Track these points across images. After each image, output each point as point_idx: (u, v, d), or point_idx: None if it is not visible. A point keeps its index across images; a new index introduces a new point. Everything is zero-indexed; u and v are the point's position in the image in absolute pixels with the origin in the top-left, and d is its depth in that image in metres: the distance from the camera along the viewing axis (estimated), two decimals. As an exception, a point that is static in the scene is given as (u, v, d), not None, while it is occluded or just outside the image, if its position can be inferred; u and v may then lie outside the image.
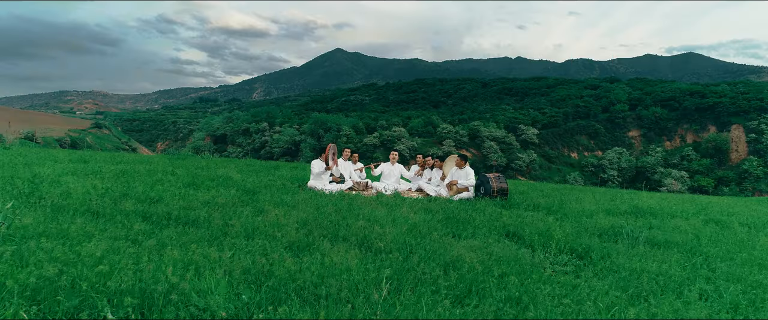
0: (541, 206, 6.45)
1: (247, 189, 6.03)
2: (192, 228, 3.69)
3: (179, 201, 4.66)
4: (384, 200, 6.19)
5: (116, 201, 4.41)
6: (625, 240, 4.42)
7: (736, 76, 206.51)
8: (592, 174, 65.83)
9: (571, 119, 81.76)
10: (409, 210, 5.39)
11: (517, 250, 3.73)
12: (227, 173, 7.75)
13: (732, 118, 71.30)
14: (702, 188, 57.74)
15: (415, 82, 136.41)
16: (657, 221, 5.73)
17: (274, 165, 11.70)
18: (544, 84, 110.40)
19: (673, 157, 68.34)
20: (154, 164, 8.53)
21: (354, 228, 4.03)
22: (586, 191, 10.66)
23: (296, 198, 5.62)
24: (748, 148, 66.24)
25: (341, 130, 68.78)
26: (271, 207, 4.83)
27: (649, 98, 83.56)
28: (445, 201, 6.50)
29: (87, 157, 9.62)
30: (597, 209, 6.52)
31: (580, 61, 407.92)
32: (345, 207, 5.22)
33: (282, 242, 3.41)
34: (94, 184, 5.16)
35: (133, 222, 3.61)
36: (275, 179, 7.88)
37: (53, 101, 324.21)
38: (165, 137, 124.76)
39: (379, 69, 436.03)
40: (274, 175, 8.54)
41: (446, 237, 4.10)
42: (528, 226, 4.63)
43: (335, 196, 6.21)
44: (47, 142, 57.77)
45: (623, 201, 7.90)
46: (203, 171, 7.93)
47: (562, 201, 7.11)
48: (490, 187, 6.97)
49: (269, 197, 5.52)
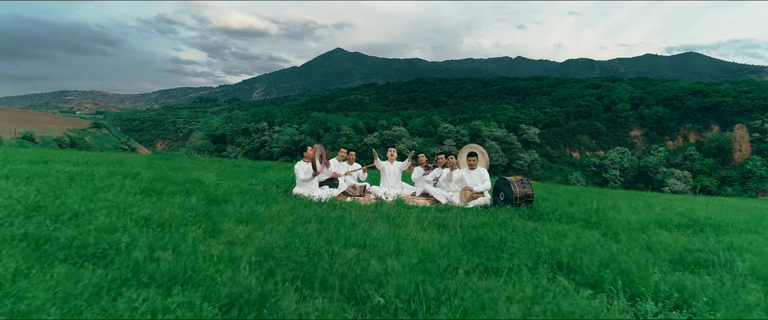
0: (576, 216, 5.25)
1: (215, 198, 4.88)
2: (94, 264, 2.53)
3: (107, 218, 3.48)
4: (385, 210, 5.05)
5: (17, 216, 3.29)
6: (718, 272, 3.22)
7: (736, 75, 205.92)
8: (594, 174, 65.24)
9: (572, 118, 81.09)
10: (418, 227, 4.25)
11: (587, 300, 2.52)
12: (203, 175, 6.71)
13: (735, 117, 70.62)
14: (705, 188, 57.22)
15: (415, 81, 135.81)
16: (728, 237, 4.48)
17: (265, 165, 10.63)
18: (545, 83, 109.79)
19: (675, 157, 67.70)
20: (123, 165, 7.54)
21: (341, 261, 2.88)
22: (614, 195, 9.39)
23: (273, 209, 4.50)
24: (751, 148, 65.59)
25: (341, 129, 68.24)
26: (233, 224, 3.73)
27: (651, 97, 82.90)
28: (458, 210, 5.46)
29: (52, 156, 8.60)
30: (645, 220, 5.30)
31: (581, 61, 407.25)
32: (333, 223, 4.10)
33: (220, 294, 2.22)
34: (8, 193, 4.07)
35: (9, 254, 2.48)
36: (258, 182, 6.89)
37: (53, 101, 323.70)
38: (165, 137, 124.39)
39: (379, 69, 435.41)
40: (258, 178, 7.52)
41: (476, 273, 2.89)
42: (583, 253, 3.38)
43: (324, 206, 5.15)
44: (46, 141, 57.25)
45: (666, 208, 6.72)
46: (177, 173, 6.91)
47: (596, 209, 5.97)
48: (511, 193, 5.92)
49: (238, 208, 4.39)
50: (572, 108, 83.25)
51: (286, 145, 71.25)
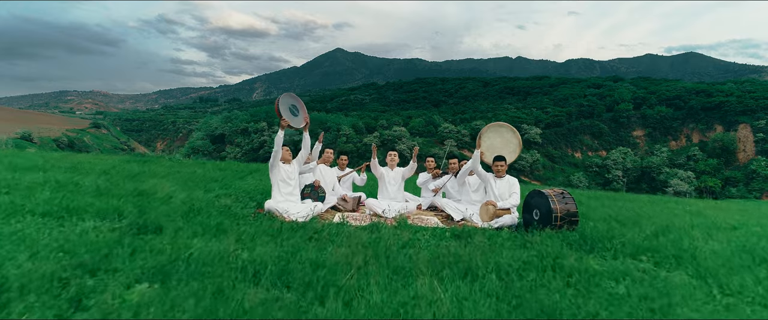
0: (640, 245, 3.95)
1: (145, 223, 3.58)
2: None
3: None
4: (383, 241, 3.71)
5: None
6: None
7: (737, 75, 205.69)
8: (596, 175, 64.66)
9: (574, 118, 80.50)
10: (432, 272, 2.98)
11: None
12: (161, 185, 5.56)
13: (739, 117, 70.02)
14: (709, 189, 56.62)
15: (415, 81, 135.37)
16: None
17: (251, 168, 9.50)
18: (547, 83, 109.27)
19: (678, 157, 67.12)
20: (77, 171, 6.42)
21: None
22: (645, 204, 8.06)
23: (212, 247, 3.11)
24: (755, 148, 64.98)
25: (341, 129, 67.65)
26: (125, 285, 2.38)
27: (654, 97, 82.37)
28: (482, 235, 4.22)
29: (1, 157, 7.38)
30: (732, 249, 4.07)
31: (581, 61, 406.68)
32: (297, 275, 2.70)
33: None
34: None
35: None
36: (229, 193, 5.76)
37: (53, 101, 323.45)
38: (164, 137, 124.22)
39: (379, 69, 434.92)
40: (231, 187, 6.41)
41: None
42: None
43: (297, 235, 3.77)
44: (44, 141, 56.80)
45: (738, 227, 5.57)
46: (132, 181, 5.87)
47: (656, 231, 4.71)
48: (550, 211, 4.49)
49: (172, 240, 3.20)
50: (574, 108, 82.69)
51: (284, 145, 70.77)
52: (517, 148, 5.56)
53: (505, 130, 5.58)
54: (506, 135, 5.58)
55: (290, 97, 5.45)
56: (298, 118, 5.45)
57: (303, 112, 5.54)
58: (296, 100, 5.51)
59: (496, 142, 5.58)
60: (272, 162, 5.24)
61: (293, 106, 5.42)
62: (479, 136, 5.58)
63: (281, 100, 5.25)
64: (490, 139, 5.60)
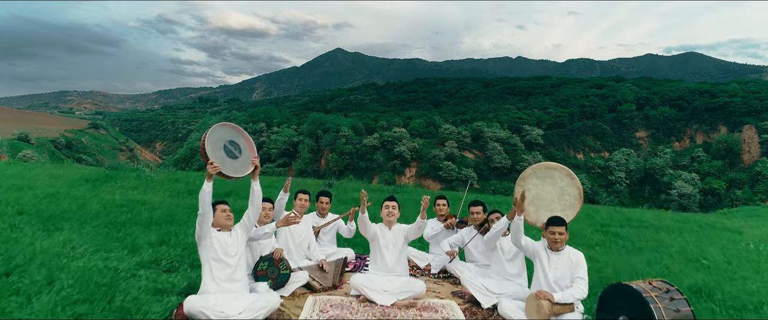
0: None
1: None
2: None
3: None
4: None
5: None
6: None
7: (737, 75, 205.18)
8: (599, 176, 63.87)
9: (576, 119, 79.71)
10: None
11: None
12: (65, 244, 4.15)
13: (744, 118, 69.23)
14: (713, 191, 55.85)
15: (415, 81, 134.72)
16: None
17: (226, 191, 7.86)
18: (548, 83, 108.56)
19: (682, 159, 66.37)
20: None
21: None
22: (708, 230, 6.69)
23: None
24: (761, 150, 64.19)
25: (340, 130, 66.83)
26: None
27: (657, 98, 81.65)
28: None
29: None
30: None
31: (581, 61, 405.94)
32: None
33: None
34: None
35: None
36: (163, 255, 4.25)
37: (53, 101, 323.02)
38: (164, 137, 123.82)
39: (379, 69, 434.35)
40: (181, 235, 4.85)
41: None
42: None
43: None
44: (41, 142, 56.07)
45: None
46: (33, 226, 4.56)
47: None
48: None
49: None
50: (576, 108, 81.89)
51: (284, 146, 70.00)
52: (577, 202, 3.66)
53: (559, 174, 3.70)
54: (560, 181, 3.69)
55: (228, 129, 3.54)
56: (239, 160, 3.49)
57: (249, 150, 3.60)
58: (239, 132, 3.56)
59: (547, 192, 3.69)
60: (199, 232, 3.31)
61: (231, 143, 3.45)
62: (520, 183, 3.71)
63: (211, 134, 3.33)
64: (536, 187, 3.70)
